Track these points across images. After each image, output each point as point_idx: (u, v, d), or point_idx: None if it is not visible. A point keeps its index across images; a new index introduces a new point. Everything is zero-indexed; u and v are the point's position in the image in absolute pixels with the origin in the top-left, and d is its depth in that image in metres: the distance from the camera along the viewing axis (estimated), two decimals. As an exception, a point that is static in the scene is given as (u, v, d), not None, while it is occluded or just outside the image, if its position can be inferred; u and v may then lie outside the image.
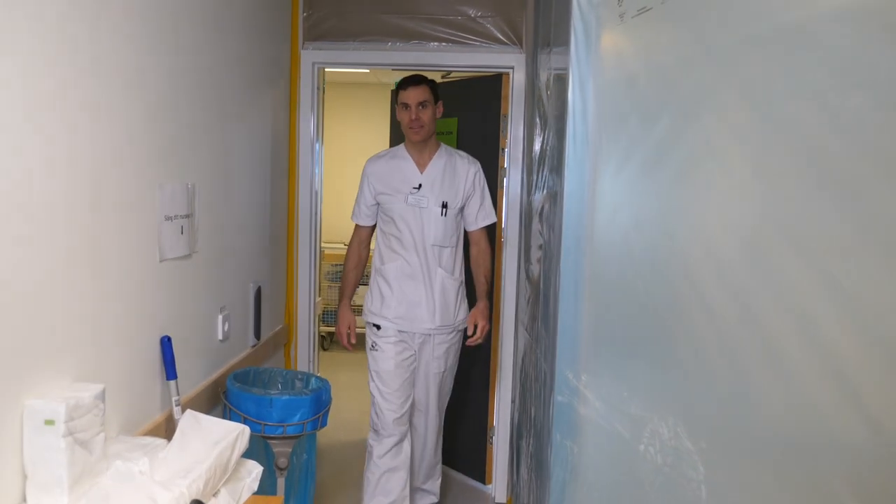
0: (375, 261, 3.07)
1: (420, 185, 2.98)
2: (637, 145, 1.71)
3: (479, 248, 3.15)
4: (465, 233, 3.12)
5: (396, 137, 3.92)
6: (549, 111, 2.80)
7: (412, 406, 3.09)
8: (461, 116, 3.78)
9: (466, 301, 3.13)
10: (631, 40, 1.78)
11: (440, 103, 3.01)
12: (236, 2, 2.65)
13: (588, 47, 2.05)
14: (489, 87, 3.69)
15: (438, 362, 3.10)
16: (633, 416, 1.66)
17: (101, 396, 1.55)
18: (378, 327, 3.01)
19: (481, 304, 3.09)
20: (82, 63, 1.59)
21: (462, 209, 3.05)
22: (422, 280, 2.97)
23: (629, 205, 1.75)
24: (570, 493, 2.05)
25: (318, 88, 3.68)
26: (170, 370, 2.06)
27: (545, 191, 2.84)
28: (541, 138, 3.04)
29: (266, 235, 3.19)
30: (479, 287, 3.14)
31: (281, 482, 2.41)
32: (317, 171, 3.74)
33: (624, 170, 1.80)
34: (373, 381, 3.02)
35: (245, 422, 2.29)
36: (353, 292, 3.14)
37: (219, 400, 2.44)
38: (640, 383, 1.66)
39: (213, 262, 2.45)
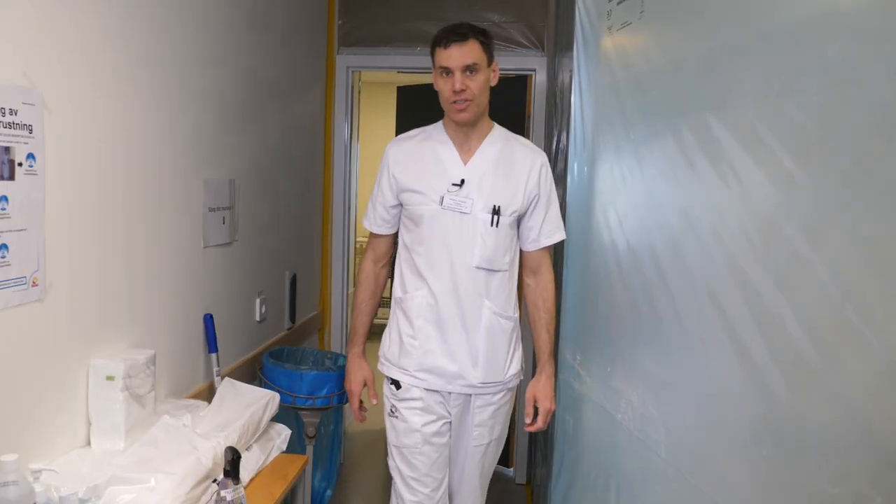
0: (395, 288, 2.19)
1: (462, 181, 2.08)
2: (623, 147, 1.92)
3: (540, 282, 2.21)
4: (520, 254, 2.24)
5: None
6: (563, 112, 3.01)
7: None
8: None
9: (521, 346, 2.24)
10: (616, 51, 1.98)
11: (495, 63, 2.12)
12: (276, 12, 2.91)
13: (587, 56, 2.26)
14: (514, 88, 3.90)
15: (481, 431, 2.17)
16: (613, 388, 1.87)
17: (153, 360, 1.82)
18: (397, 385, 2.14)
19: (543, 374, 2.18)
20: (141, 75, 1.86)
21: (520, 218, 2.16)
22: (459, 318, 2.08)
23: (614, 203, 1.96)
24: (567, 463, 2.27)
25: (353, 89, 3.94)
26: (212, 344, 2.32)
27: (560, 187, 3.05)
28: (556, 137, 3.25)
29: (302, 228, 3.45)
30: (539, 344, 2.21)
31: (310, 449, 2.67)
32: (352, 168, 4.00)
33: (614, 170, 2.00)
34: (392, 458, 2.17)
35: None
36: (367, 335, 2.28)
37: (255, 374, 2.70)
38: (618, 359, 1.86)
39: (251, 250, 2.72)
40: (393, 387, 2.14)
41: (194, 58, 2.17)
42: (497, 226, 2.08)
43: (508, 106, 3.91)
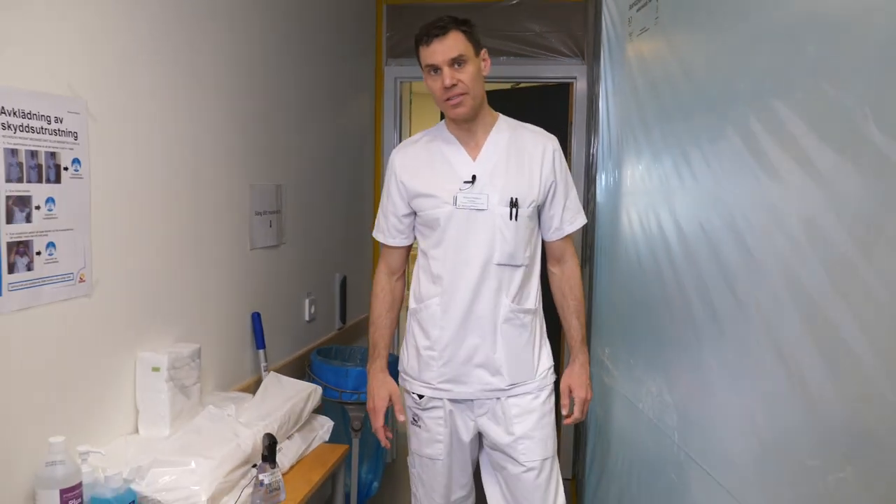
0: (411, 299, 2.07)
1: (474, 178, 1.93)
2: (643, 149, 1.88)
3: (565, 270, 2.05)
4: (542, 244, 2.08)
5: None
6: (595, 118, 2.98)
7: None
8: (529, 122, 3.98)
9: (548, 340, 2.07)
10: (636, 57, 1.96)
11: (485, 52, 1.93)
12: (326, 23, 2.96)
13: (612, 62, 2.24)
14: (557, 94, 3.88)
15: (528, 445, 1.93)
16: (636, 378, 1.84)
17: (198, 353, 1.87)
18: (420, 396, 2.02)
19: (577, 362, 2.01)
20: (186, 84, 1.92)
21: (539, 208, 2.00)
22: (477, 319, 1.94)
23: (635, 203, 1.92)
24: (598, 454, 2.23)
25: (401, 100, 3.98)
26: (259, 341, 2.37)
27: (591, 189, 3.01)
28: (592, 143, 3.22)
29: (351, 232, 3.50)
30: (570, 332, 2.05)
31: (355, 442, 2.70)
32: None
33: (635, 172, 1.97)
34: (413, 466, 2.09)
35: (325, 389, 2.58)
36: (389, 348, 2.10)
37: (304, 371, 2.75)
38: (640, 351, 1.83)
39: (299, 252, 2.77)
40: (415, 396, 2.01)
41: (242, 67, 2.23)
42: (516, 219, 1.91)
43: (551, 113, 3.89)
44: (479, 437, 2.00)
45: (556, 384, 2.03)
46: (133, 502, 1.49)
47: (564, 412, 2.01)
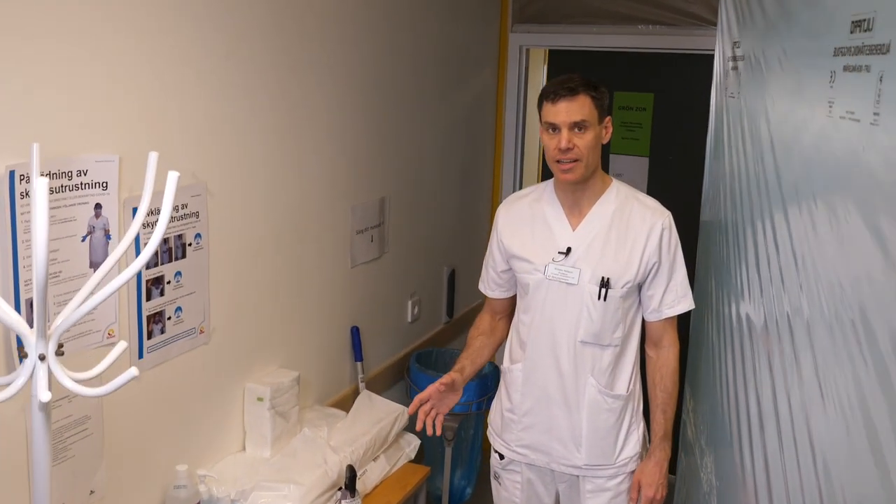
0: (504, 358, 2.46)
1: (569, 250, 2.25)
2: (724, 208, 2.29)
3: (661, 354, 2.34)
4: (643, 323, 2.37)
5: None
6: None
7: None
8: (659, 93, 4.25)
9: (643, 425, 2.40)
10: (726, 114, 2.33)
11: (609, 119, 2.26)
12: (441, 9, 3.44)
13: (716, 107, 2.60)
14: (696, 63, 4.14)
15: None
16: (702, 448, 2.31)
17: (297, 380, 2.54)
18: (501, 456, 2.48)
19: (652, 458, 2.29)
20: (289, 132, 2.52)
21: (640, 287, 2.29)
22: (561, 393, 2.29)
23: (717, 269, 2.33)
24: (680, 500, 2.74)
25: (527, 70, 4.40)
26: (357, 353, 3.03)
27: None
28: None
29: (463, 221, 4.02)
30: (652, 425, 2.34)
31: (448, 451, 3.35)
32: (524, 153, 4.49)
33: (716, 225, 2.38)
34: None
35: (421, 397, 3.21)
36: (472, 365, 2.47)
37: (402, 375, 3.40)
38: (706, 419, 2.28)
39: (403, 257, 3.37)
40: (497, 456, 2.48)
41: (349, 96, 2.80)
42: (605, 300, 2.20)
43: (685, 83, 4.18)
44: None
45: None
46: (238, 519, 2.20)
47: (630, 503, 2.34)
